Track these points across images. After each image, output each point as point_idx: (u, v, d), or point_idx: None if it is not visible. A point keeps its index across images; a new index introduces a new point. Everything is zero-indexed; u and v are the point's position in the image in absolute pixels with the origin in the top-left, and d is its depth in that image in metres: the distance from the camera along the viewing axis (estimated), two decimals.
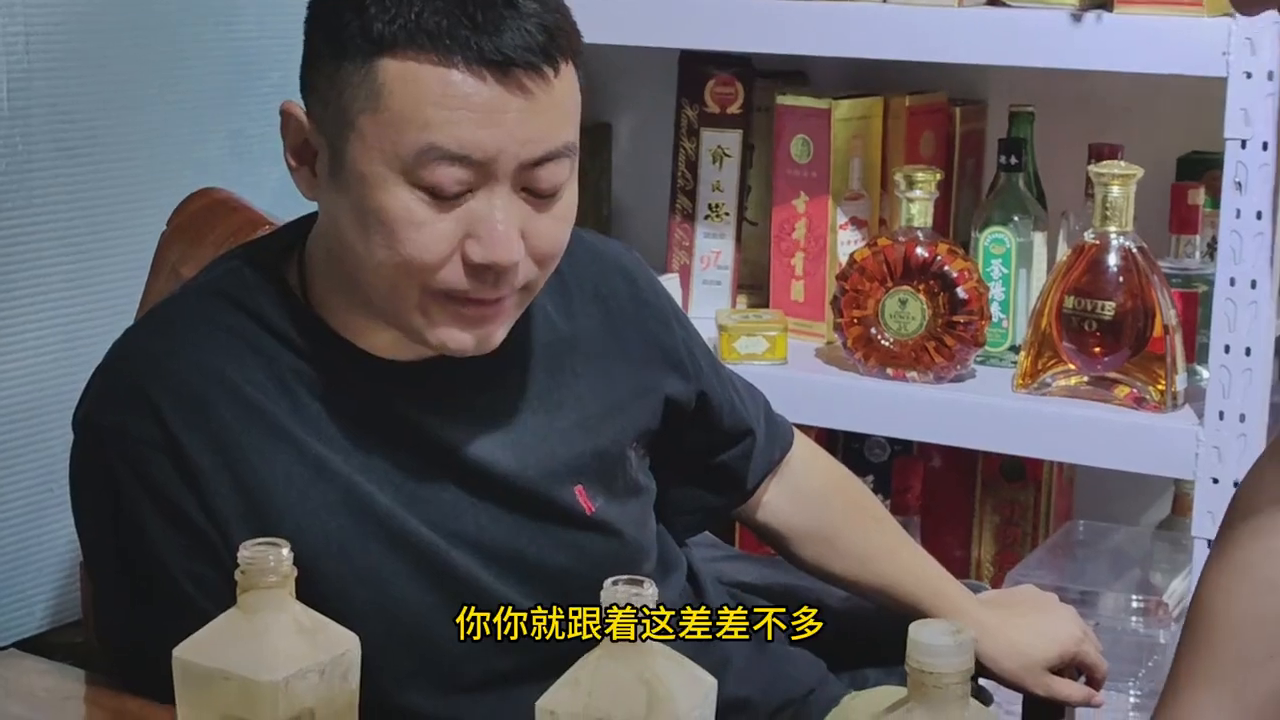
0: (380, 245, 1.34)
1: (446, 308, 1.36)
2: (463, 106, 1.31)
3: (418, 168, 1.31)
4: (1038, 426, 2.14)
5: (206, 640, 1.11)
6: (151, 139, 2.34)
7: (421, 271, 1.34)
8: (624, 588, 1.04)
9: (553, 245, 1.39)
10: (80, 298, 2.28)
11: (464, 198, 1.33)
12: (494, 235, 1.33)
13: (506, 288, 1.36)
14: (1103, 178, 2.08)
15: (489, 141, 1.31)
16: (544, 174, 1.35)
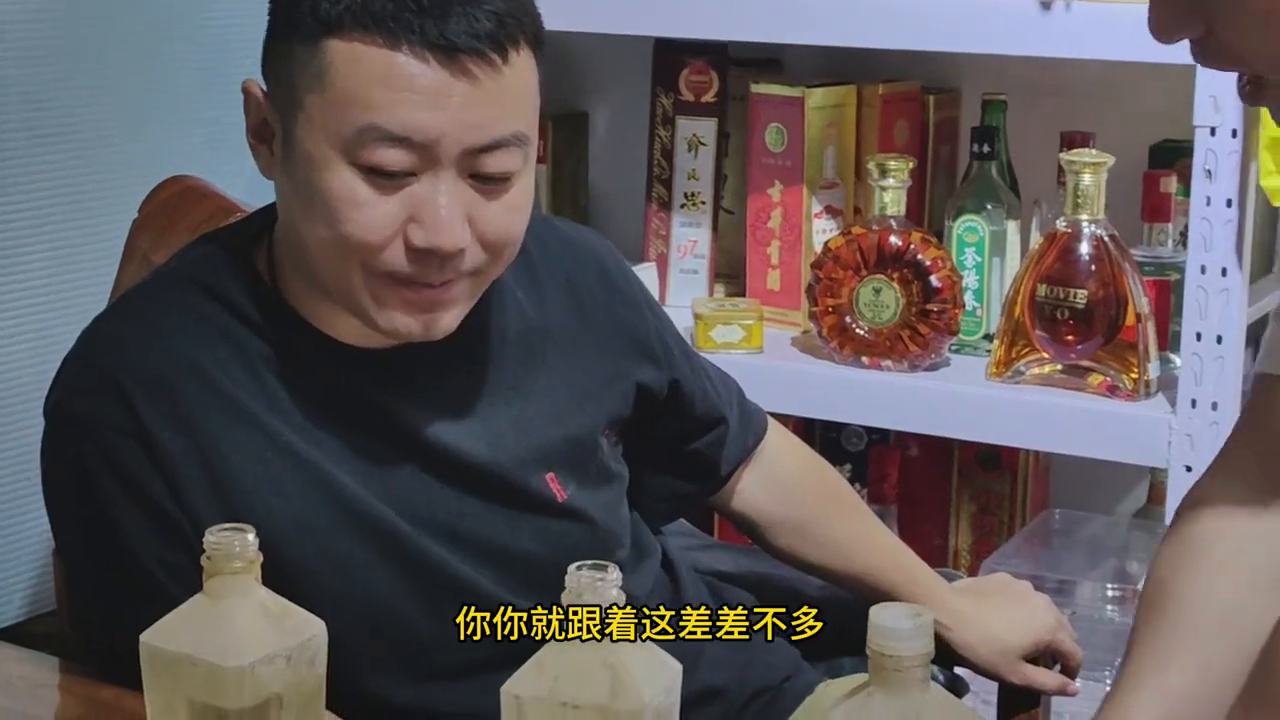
0: (323, 224, 1.35)
1: (393, 291, 1.36)
2: (406, 89, 1.31)
3: (359, 147, 1.32)
4: (1012, 415, 2.15)
5: (173, 625, 1.11)
6: (126, 127, 2.34)
7: (363, 251, 1.34)
8: (588, 573, 1.04)
9: (502, 233, 1.38)
10: (55, 286, 2.28)
11: (408, 180, 1.33)
12: (436, 219, 1.33)
13: (452, 273, 1.36)
14: (1075, 166, 2.09)
15: (431, 125, 1.31)
16: (491, 161, 1.35)
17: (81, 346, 1.43)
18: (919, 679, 1.00)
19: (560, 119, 2.67)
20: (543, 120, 2.61)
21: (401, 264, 1.35)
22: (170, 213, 1.71)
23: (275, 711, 1.10)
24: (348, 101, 1.32)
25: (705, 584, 1.71)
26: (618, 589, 1.04)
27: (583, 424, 1.52)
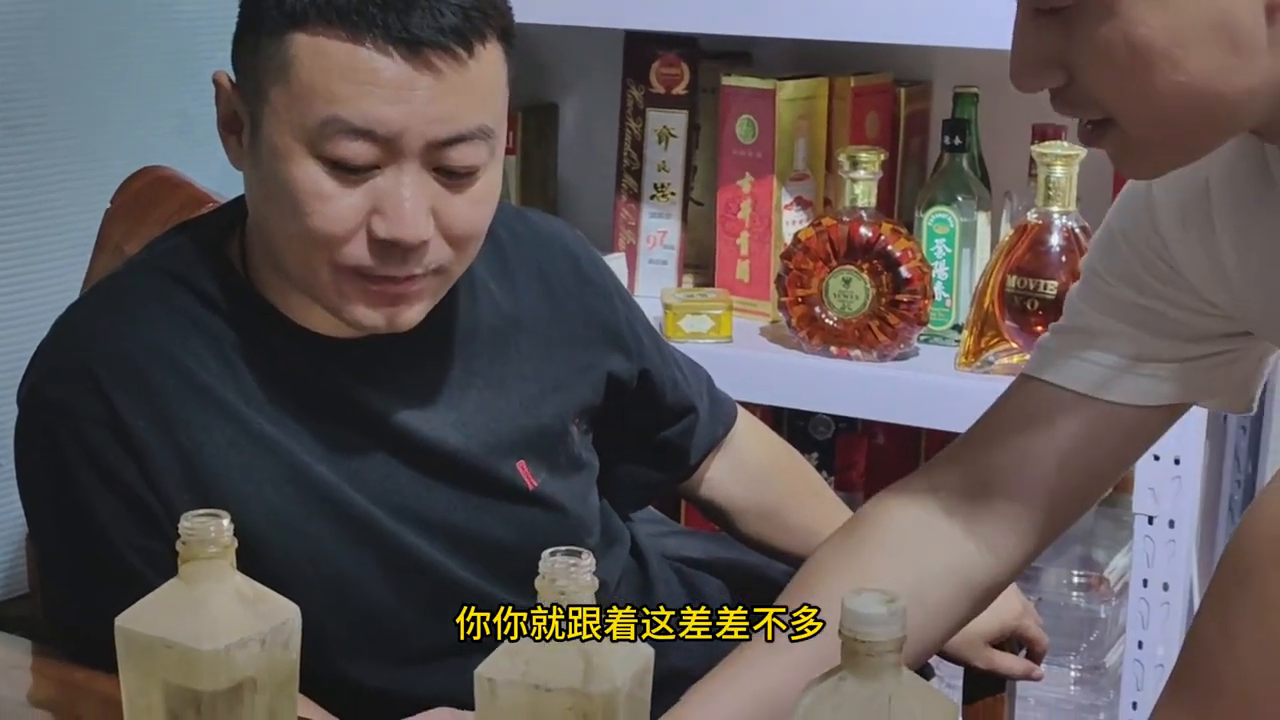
0: (288, 217, 1.35)
1: (357, 285, 1.37)
2: (369, 82, 1.31)
3: (322, 140, 1.32)
4: (980, 404, 2.11)
5: (148, 609, 1.11)
6: (97, 118, 2.33)
7: (328, 245, 1.34)
8: (562, 559, 1.04)
9: (467, 227, 1.38)
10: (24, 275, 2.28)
11: (372, 173, 1.33)
12: (400, 212, 1.33)
13: (416, 266, 1.36)
14: (1046, 158, 2.10)
15: (394, 118, 1.31)
16: (455, 154, 1.35)
17: (55, 335, 1.44)
18: (891, 664, 1.00)
19: (530, 110, 2.67)
20: (513, 111, 2.64)
21: (365, 257, 1.35)
22: (143, 203, 1.71)
23: (249, 694, 1.10)
24: (311, 94, 1.32)
25: (673, 570, 1.72)
26: (591, 574, 1.04)
27: (553, 413, 1.53)
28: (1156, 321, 1.34)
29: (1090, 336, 1.36)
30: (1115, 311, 1.35)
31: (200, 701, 1.09)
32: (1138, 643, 2.14)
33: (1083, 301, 1.37)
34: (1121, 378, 1.35)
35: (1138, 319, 1.34)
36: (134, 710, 1.12)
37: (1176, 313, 1.33)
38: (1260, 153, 1.23)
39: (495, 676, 1.04)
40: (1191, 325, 1.33)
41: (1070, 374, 1.36)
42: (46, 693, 1.43)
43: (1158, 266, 1.32)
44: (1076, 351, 1.36)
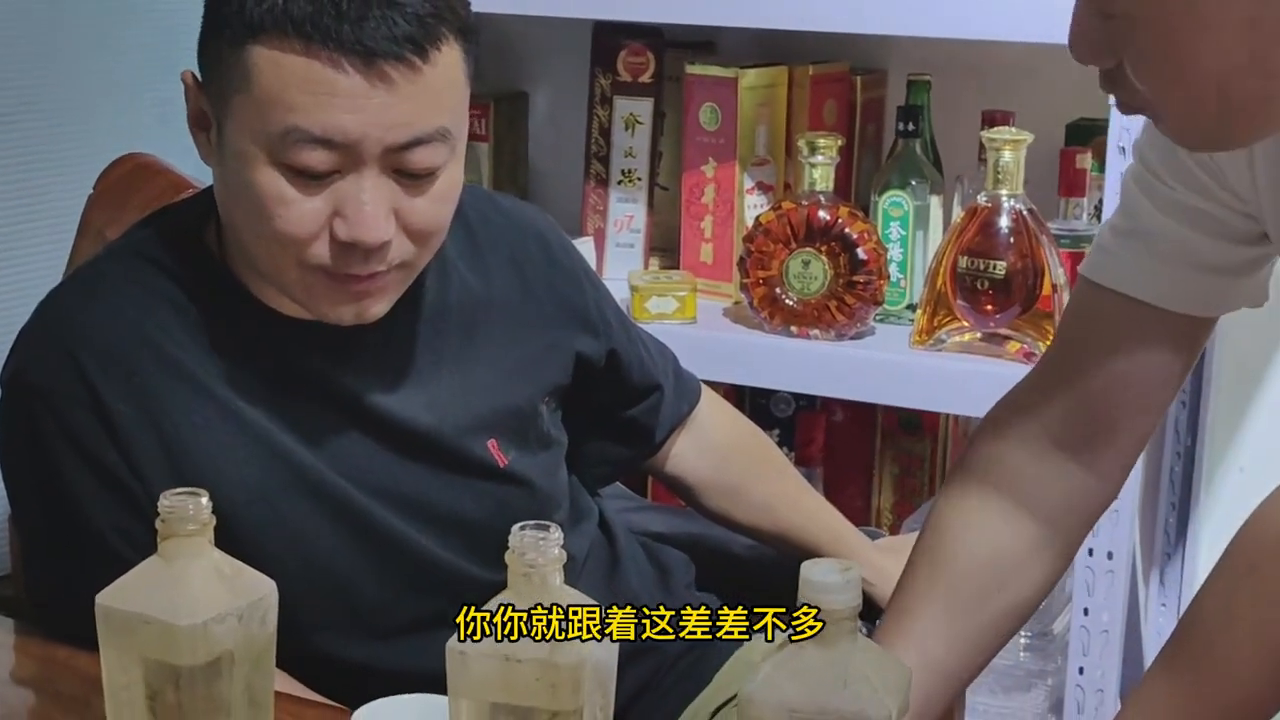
0: (253, 218, 1.34)
1: (323, 281, 1.35)
2: (326, 92, 1.29)
3: (283, 149, 1.30)
4: (934, 381, 2.16)
5: (128, 586, 1.11)
6: (82, 107, 2.32)
7: (293, 246, 1.33)
8: (530, 533, 1.04)
9: (429, 224, 1.37)
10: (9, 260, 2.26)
11: (333, 178, 1.32)
12: (360, 215, 1.32)
13: (379, 264, 1.35)
14: (995, 143, 2.09)
15: (352, 126, 1.30)
16: (414, 157, 1.33)
17: (37, 319, 1.42)
18: (848, 631, 1.00)
19: (501, 99, 2.66)
20: (484, 100, 2.64)
21: (328, 256, 1.34)
22: (124, 189, 1.70)
23: (227, 668, 1.10)
24: (271, 104, 1.30)
25: (640, 544, 1.71)
26: (559, 548, 1.04)
27: (523, 392, 1.52)
28: (1209, 223, 1.31)
29: (1152, 240, 1.33)
30: (1174, 212, 1.32)
31: (179, 676, 1.08)
32: (1083, 610, 2.15)
33: (1144, 197, 1.33)
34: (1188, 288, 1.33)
35: (1193, 220, 1.31)
36: (114, 686, 1.11)
37: (1223, 213, 1.31)
38: None
39: (467, 650, 1.03)
40: (1235, 227, 1.31)
41: (1145, 286, 1.33)
42: (29, 670, 1.42)
43: (1205, 161, 1.29)
44: (1144, 259, 1.33)
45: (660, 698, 1.58)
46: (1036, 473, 1.38)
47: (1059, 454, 1.37)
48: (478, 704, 1.03)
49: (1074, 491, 1.39)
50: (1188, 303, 1.34)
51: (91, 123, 2.28)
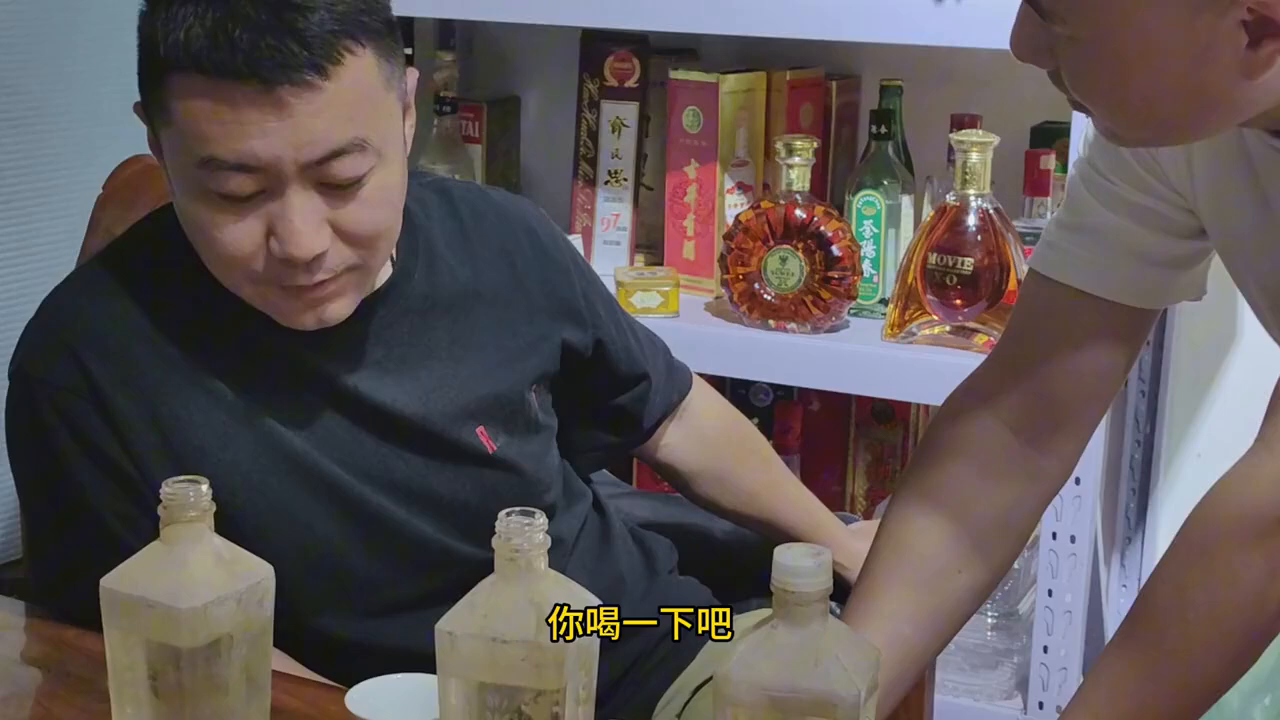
0: (197, 242, 1.34)
1: (278, 292, 1.34)
2: (232, 121, 1.26)
3: (206, 178, 1.29)
4: (905, 372, 2.16)
5: (131, 571, 1.10)
6: (90, 111, 2.31)
7: (238, 264, 1.32)
8: (516, 519, 1.03)
9: (365, 229, 1.33)
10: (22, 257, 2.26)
11: (259, 199, 1.30)
12: (290, 232, 1.30)
13: (323, 274, 1.33)
14: (963, 145, 2.09)
15: (263, 151, 1.27)
16: (334, 169, 1.30)
17: (41, 314, 1.42)
18: (819, 613, 1.00)
19: (494, 103, 2.66)
20: (478, 103, 2.63)
21: (271, 270, 1.32)
22: (131, 190, 1.69)
23: (226, 649, 1.10)
24: (188, 136, 1.29)
25: (627, 529, 1.71)
26: (543, 534, 1.03)
27: (511, 380, 1.51)
28: (1152, 218, 1.31)
29: (1097, 234, 1.33)
30: (1117, 207, 1.32)
31: (180, 657, 1.08)
32: (1048, 591, 2.15)
33: (1090, 193, 1.33)
34: (1133, 281, 1.33)
35: (1136, 215, 1.31)
36: (118, 666, 1.11)
37: (1164, 208, 1.31)
38: None
39: (455, 630, 1.03)
40: (1176, 221, 1.31)
41: (1092, 279, 1.33)
42: (38, 650, 1.41)
43: (1146, 159, 1.30)
44: (1090, 253, 1.33)
45: (643, 678, 1.58)
46: (992, 457, 1.38)
47: (1014, 439, 1.37)
48: (466, 683, 1.02)
49: (1029, 474, 1.39)
50: (1132, 295, 1.34)
51: (100, 126, 2.28)
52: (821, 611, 1.00)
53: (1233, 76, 1.08)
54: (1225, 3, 1.05)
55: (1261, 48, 1.06)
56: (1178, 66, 1.08)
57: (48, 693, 1.34)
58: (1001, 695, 2.26)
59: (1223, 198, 1.26)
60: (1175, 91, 1.10)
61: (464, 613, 1.03)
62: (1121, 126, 1.17)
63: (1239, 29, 1.06)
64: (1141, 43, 1.08)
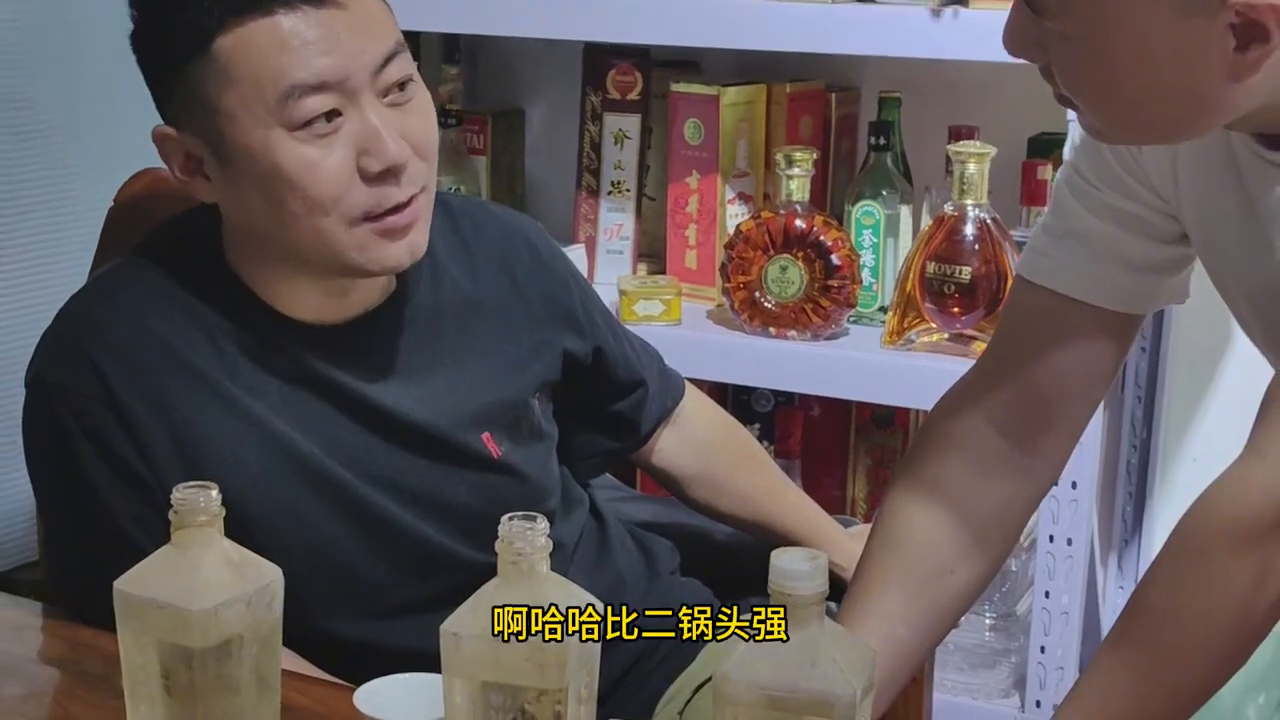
0: (291, 200, 1.34)
1: (371, 231, 1.36)
2: (301, 42, 1.31)
3: (290, 111, 1.32)
4: (904, 378, 2.16)
5: (143, 573, 1.11)
6: (102, 125, 2.32)
7: (335, 204, 1.34)
8: (519, 524, 1.04)
9: (426, 137, 1.39)
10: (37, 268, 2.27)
11: (337, 122, 1.34)
12: (380, 142, 1.34)
13: (411, 186, 1.37)
14: (961, 156, 2.10)
15: (335, 64, 1.32)
16: (392, 70, 1.36)
17: (57, 323, 1.42)
18: (815, 614, 1.00)
19: (499, 115, 2.66)
20: (483, 116, 2.64)
21: (369, 199, 1.35)
22: (143, 201, 1.69)
23: (236, 650, 1.10)
24: (261, 78, 1.31)
25: (628, 531, 1.71)
26: (545, 538, 1.04)
27: (515, 388, 1.52)
28: (1136, 224, 1.32)
29: (1083, 240, 1.34)
30: (1103, 214, 1.33)
31: (191, 657, 1.09)
32: (1045, 593, 2.15)
33: (1075, 200, 1.34)
34: (1118, 286, 1.34)
35: (1121, 221, 1.32)
36: (131, 666, 1.11)
37: (1148, 213, 1.32)
38: None
39: (459, 631, 1.03)
40: (1160, 227, 1.32)
41: (1078, 284, 1.34)
42: (55, 650, 1.42)
43: (1130, 165, 1.31)
44: (1076, 259, 1.34)
45: (644, 677, 1.58)
46: (983, 457, 1.39)
47: (1003, 441, 1.38)
48: (470, 683, 1.03)
49: (1018, 475, 1.39)
50: (1117, 300, 1.35)
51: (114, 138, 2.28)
52: (818, 613, 1.00)
53: (1220, 79, 1.09)
54: (1215, 6, 1.06)
55: (1249, 51, 1.07)
56: (1167, 67, 1.09)
57: (65, 691, 1.35)
58: (999, 694, 2.26)
59: (1208, 204, 1.26)
60: (1163, 91, 1.11)
61: (468, 614, 1.04)
62: (1108, 124, 1.17)
63: (1227, 32, 1.07)
64: (1132, 42, 1.09)
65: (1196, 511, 1.19)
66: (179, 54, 1.34)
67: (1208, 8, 1.06)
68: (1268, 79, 1.10)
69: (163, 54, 1.35)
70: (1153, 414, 2.43)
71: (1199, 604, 1.18)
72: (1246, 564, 1.16)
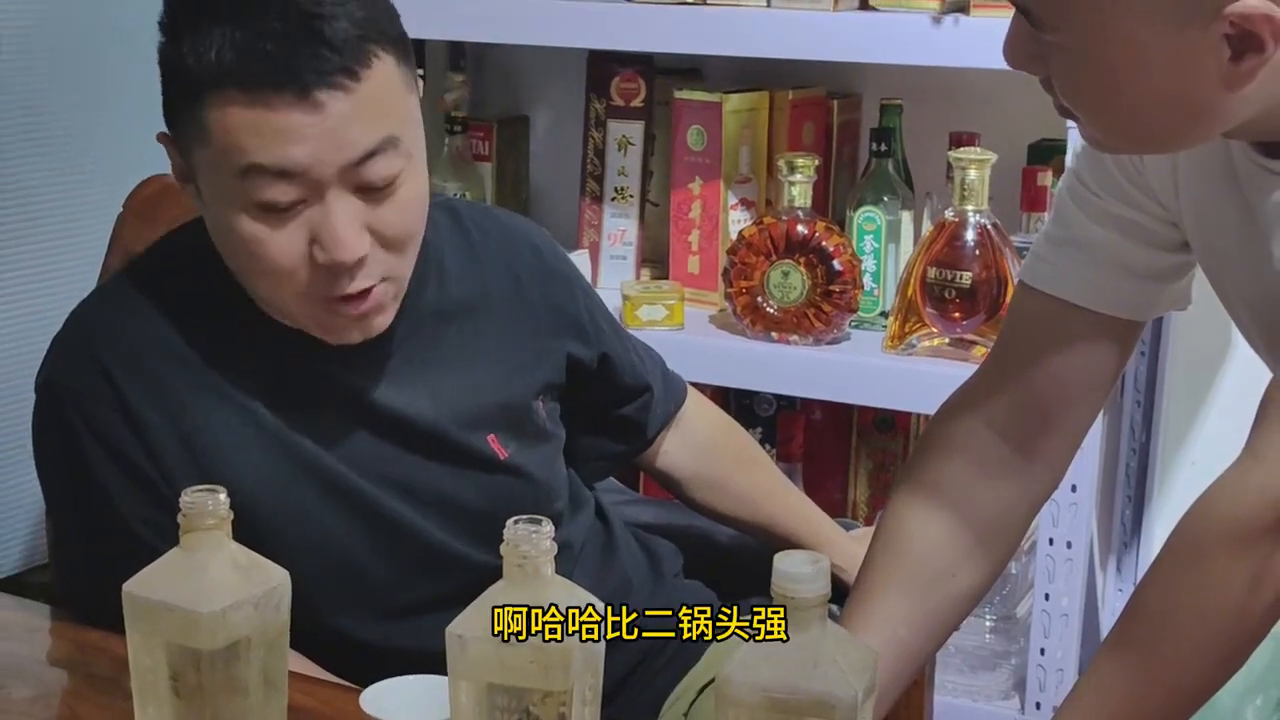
0: (241, 260, 1.35)
1: (322, 309, 1.36)
2: (271, 131, 1.28)
3: (247, 190, 1.30)
4: (905, 383, 2.16)
5: (152, 576, 1.11)
6: (117, 131, 2.32)
7: (283, 279, 1.33)
8: (524, 527, 1.04)
9: (400, 232, 1.36)
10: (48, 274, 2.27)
11: (299, 208, 1.31)
12: (333, 237, 1.31)
13: (366, 280, 1.34)
14: (961, 162, 2.10)
15: (303, 156, 1.29)
16: (370, 170, 1.32)
17: (66, 329, 1.43)
18: (818, 617, 1.00)
19: (504, 122, 2.66)
20: (488, 123, 2.64)
21: (317, 282, 1.34)
22: (151, 208, 1.69)
23: (244, 652, 1.10)
24: (227, 151, 1.30)
25: (632, 534, 1.71)
26: (550, 541, 1.04)
27: (519, 390, 1.52)
28: (1137, 231, 1.32)
29: (1085, 247, 1.33)
30: (1104, 221, 1.32)
31: (200, 659, 1.09)
32: (1045, 595, 2.15)
33: (1077, 207, 1.34)
34: (1120, 292, 1.34)
35: (1123, 228, 1.32)
36: (140, 668, 1.11)
37: (1149, 221, 1.31)
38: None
39: (465, 633, 1.03)
40: (1161, 234, 1.32)
41: (1080, 291, 1.34)
42: (63, 652, 1.42)
43: (1132, 173, 1.30)
44: (1078, 266, 1.34)
45: (648, 679, 1.58)
46: (985, 461, 1.38)
47: (1005, 446, 1.38)
48: (475, 684, 1.03)
49: (1020, 479, 1.39)
50: (1119, 306, 1.35)
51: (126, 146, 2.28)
52: (820, 616, 1.00)
53: (1216, 88, 1.09)
54: (1210, 16, 1.06)
55: (1243, 61, 1.08)
56: (1164, 77, 1.10)
57: (73, 693, 1.35)
58: (999, 696, 2.26)
59: (1207, 212, 1.27)
60: (1161, 101, 1.11)
61: (474, 616, 1.04)
62: (1107, 134, 1.17)
63: (1222, 42, 1.07)
64: (1129, 53, 1.09)
65: (1194, 514, 1.19)
66: (174, 87, 1.33)
67: (1203, 18, 1.06)
68: (1263, 88, 1.10)
69: (168, 75, 1.35)
70: (1152, 418, 2.43)
71: (1195, 606, 1.18)
72: (1242, 566, 1.16)
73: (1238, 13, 1.05)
